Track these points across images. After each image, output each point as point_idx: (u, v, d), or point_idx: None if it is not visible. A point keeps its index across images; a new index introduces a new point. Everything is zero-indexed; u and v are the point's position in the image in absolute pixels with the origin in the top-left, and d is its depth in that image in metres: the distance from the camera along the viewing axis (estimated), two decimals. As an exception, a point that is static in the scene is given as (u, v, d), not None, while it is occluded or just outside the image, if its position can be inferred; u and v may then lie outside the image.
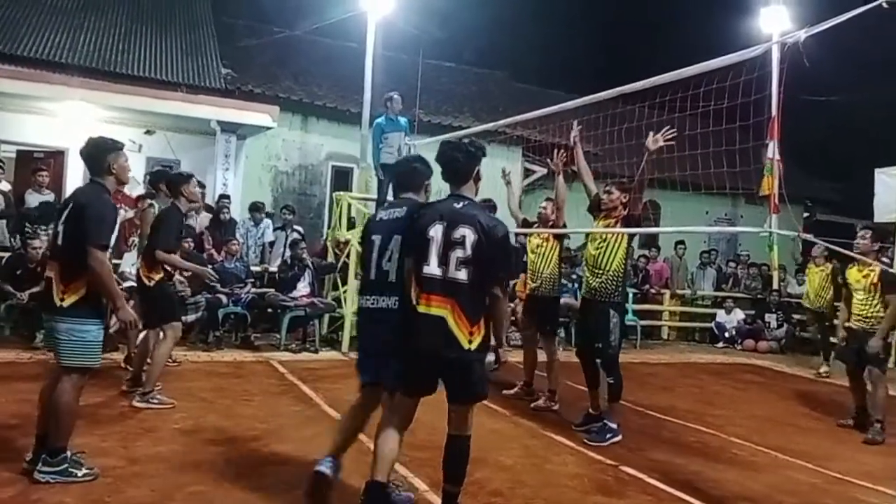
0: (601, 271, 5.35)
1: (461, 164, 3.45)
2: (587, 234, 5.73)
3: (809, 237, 5.53)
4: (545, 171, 14.75)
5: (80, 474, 3.71)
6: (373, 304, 3.51)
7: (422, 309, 3.28)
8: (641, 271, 12.04)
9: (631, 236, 5.54)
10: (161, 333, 5.61)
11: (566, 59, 25.64)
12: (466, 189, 3.46)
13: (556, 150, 6.33)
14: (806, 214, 18.60)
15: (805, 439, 5.88)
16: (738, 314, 12.05)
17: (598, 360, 5.51)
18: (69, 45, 12.01)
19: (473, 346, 3.26)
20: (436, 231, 3.28)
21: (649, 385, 7.87)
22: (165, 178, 6.27)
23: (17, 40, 11.47)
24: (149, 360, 5.57)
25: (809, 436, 6.04)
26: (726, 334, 11.91)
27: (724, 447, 5.45)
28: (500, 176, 6.94)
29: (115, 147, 4.12)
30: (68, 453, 3.74)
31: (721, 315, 12.16)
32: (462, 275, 3.24)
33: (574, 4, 29.58)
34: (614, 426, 5.32)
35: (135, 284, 7.93)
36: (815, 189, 18.89)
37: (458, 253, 3.25)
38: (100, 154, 4.05)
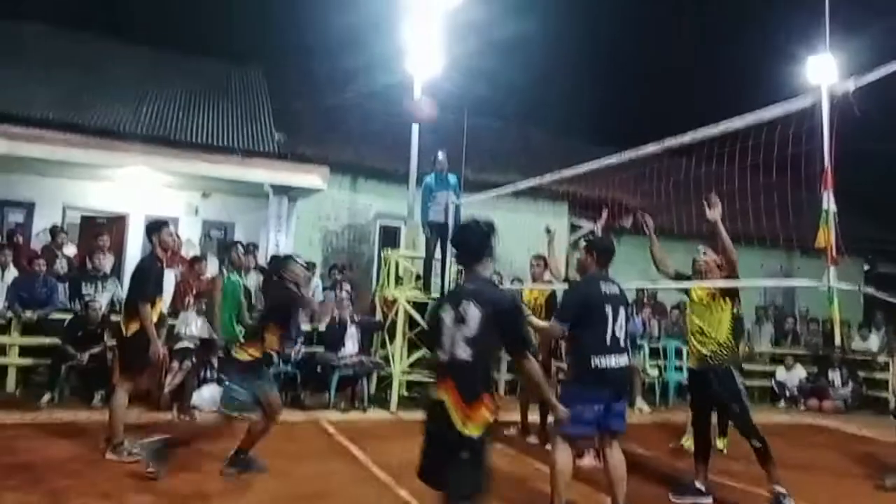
0: (709, 339, 5.24)
1: (473, 244, 3.34)
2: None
3: (871, 291, 5.32)
4: (592, 226, 14.70)
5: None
6: (613, 363, 4.34)
7: (434, 395, 3.19)
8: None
9: (734, 300, 5.40)
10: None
11: (610, 114, 25.83)
12: (481, 267, 3.32)
13: (603, 209, 6.35)
14: (867, 267, 17.94)
15: (880, 505, 5.54)
16: (800, 371, 11.56)
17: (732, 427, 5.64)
18: (131, 115, 12.64)
19: (468, 432, 3.02)
20: (446, 314, 3.21)
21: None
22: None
23: (82, 111, 12.14)
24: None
25: (886, 503, 5.68)
26: (787, 393, 11.42)
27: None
28: (545, 233, 6.99)
29: (291, 260, 5.45)
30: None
31: (781, 373, 11.68)
32: (464, 354, 3.11)
33: (617, 60, 29.94)
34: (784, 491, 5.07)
35: (190, 346, 8.18)
36: (877, 241, 18.25)
37: (463, 332, 3.12)
38: (280, 266, 5.36)
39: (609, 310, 4.39)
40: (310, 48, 32.21)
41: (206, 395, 7.74)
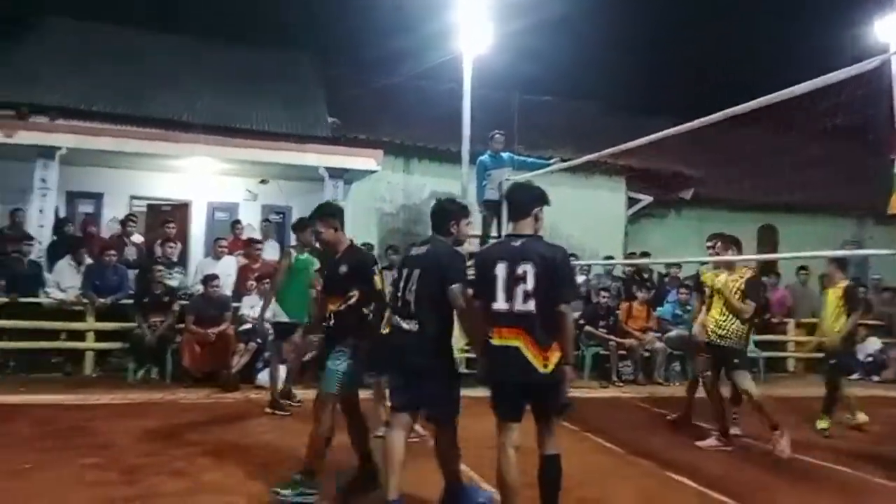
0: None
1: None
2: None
3: (950, 257, 5.07)
4: (650, 199, 14.39)
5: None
6: (396, 324, 3.98)
7: (495, 341, 3.59)
8: (761, 299, 11.40)
9: None
10: None
11: (664, 85, 25.08)
12: (526, 226, 3.74)
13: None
14: (945, 232, 17.06)
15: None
16: (874, 343, 11.13)
17: None
18: (190, 105, 12.95)
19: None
20: (499, 269, 3.61)
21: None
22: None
23: (143, 104, 12.50)
24: None
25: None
26: (861, 365, 11.00)
27: (866, 488, 5.00)
28: None
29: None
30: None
31: (853, 344, 11.25)
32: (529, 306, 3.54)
33: (670, 28, 29.01)
34: None
35: (251, 327, 8.41)
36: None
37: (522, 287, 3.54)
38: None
39: (404, 272, 4.04)
40: (359, 30, 32.36)
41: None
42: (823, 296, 7.77)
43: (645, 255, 11.61)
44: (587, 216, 12.57)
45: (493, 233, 9.31)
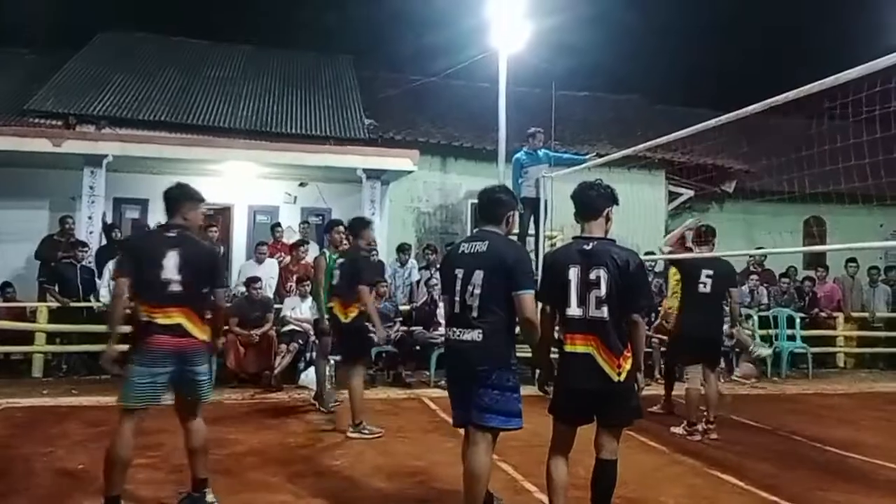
0: None
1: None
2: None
3: None
4: (692, 192, 14.13)
5: None
6: (456, 336, 3.56)
7: (568, 348, 3.44)
8: (808, 294, 11.10)
9: None
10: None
11: (704, 76, 24.63)
12: (596, 227, 3.60)
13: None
14: None
15: None
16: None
17: None
18: (231, 111, 13.19)
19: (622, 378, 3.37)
20: (572, 274, 3.45)
21: (826, 418, 7.19)
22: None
23: (186, 111, 12.77)
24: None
25: None
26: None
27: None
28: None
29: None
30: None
31: (906, 338, 10.89)
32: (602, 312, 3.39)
33: (707, 18, 28.45)
34: None
35: (296, 328, 8.51)
36: None
37: (595, 293, 3.39)
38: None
39: (460, 273, 3.55)
40: (394, 31, 32.55)
41: (313, 376, 8.05)
42: None
43: (688, 250, 11.38)
44: (626, 211, 12.30)
45: (531, 231, 9.25)
